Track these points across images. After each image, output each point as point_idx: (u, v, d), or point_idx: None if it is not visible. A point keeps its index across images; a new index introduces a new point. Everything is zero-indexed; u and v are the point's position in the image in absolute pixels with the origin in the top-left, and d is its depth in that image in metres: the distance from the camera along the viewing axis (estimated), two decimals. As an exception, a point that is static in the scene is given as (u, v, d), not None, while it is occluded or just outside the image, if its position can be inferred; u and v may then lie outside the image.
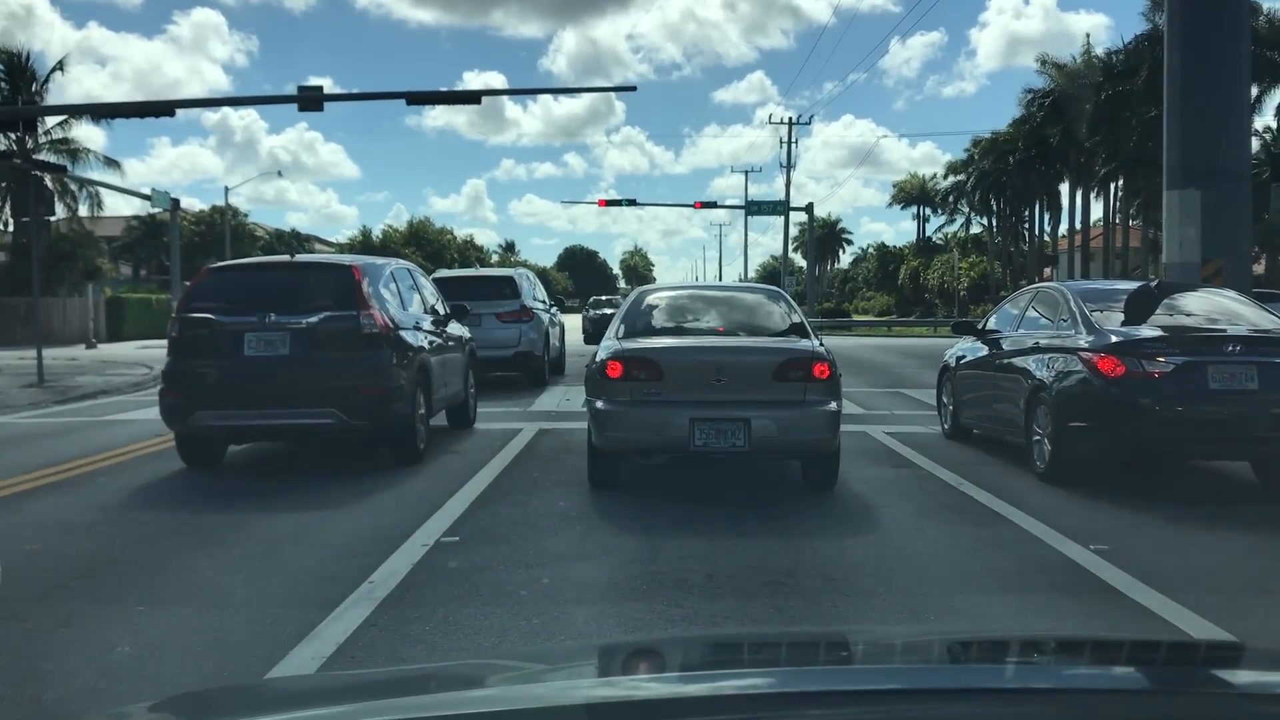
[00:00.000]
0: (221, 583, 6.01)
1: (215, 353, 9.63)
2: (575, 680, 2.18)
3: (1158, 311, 9.41)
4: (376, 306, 9.95)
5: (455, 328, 12.78)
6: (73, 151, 43.67)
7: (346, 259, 10.93)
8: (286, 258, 11.62)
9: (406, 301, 11.06)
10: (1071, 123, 49.29)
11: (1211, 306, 9.66)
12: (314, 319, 9.69)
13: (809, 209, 61.65)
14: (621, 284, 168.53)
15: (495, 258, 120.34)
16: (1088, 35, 73.27)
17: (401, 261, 12.95)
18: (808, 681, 2.04)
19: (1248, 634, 4.94)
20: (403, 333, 10.35)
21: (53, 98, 43.16)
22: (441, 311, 12.47)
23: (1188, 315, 9.48)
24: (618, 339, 8.79)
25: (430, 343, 11.16)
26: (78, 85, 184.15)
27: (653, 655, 2.47)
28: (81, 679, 4.52)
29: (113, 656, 4.78)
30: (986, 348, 11.05)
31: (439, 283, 14.11)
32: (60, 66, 43.79)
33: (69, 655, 4.82)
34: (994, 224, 69.23)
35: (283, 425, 9.82)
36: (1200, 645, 3.67)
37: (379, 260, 11.50)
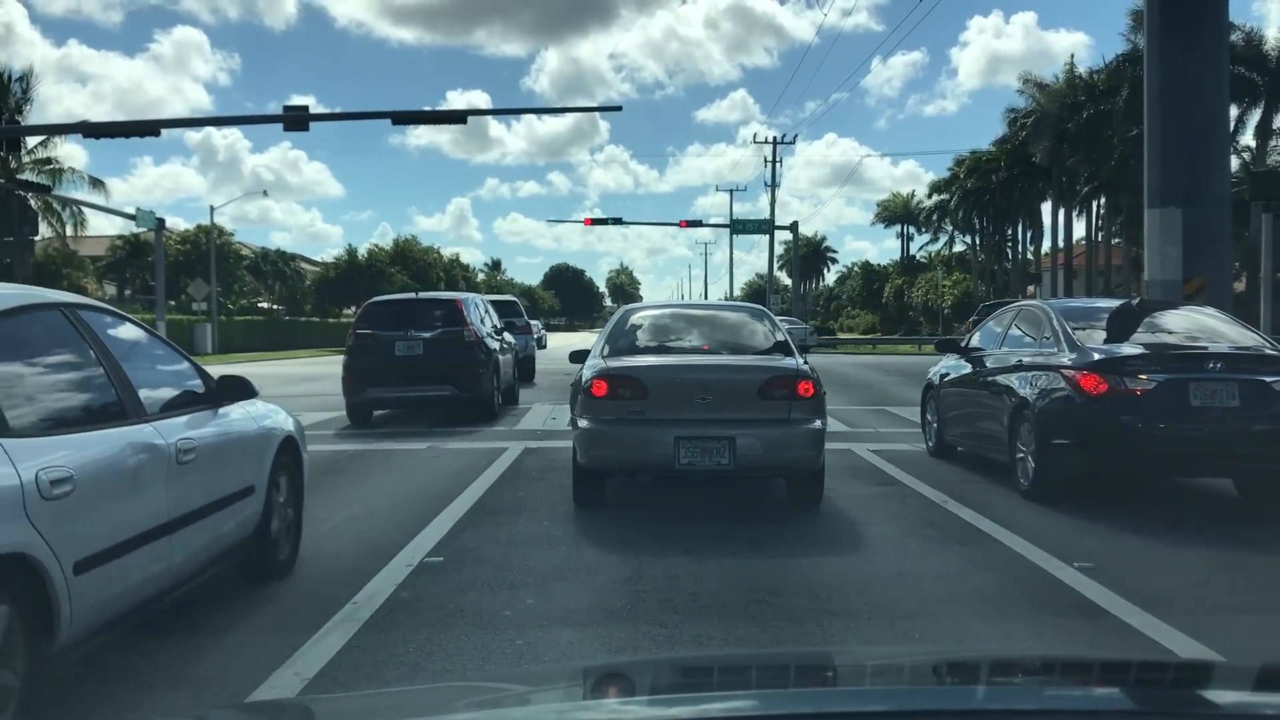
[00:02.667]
0: (203, 604, 5.96)
1: (377, 353, 15.43)
2: (559, 703, 2.17)
3: (1140, 329, 9.45)
4: (471, 323, 15.99)
5: (506, 337, 18.70)
6: (56, 171, 43.52)
7: (451, 295, 17.86)
8: (414, 295, 18.53)
9: (484, 320, 16.93)
10: (1053, 142, 49.65)
11: (1193, 324, 9.72)
12: (436, 332, 15.67)
13: (794, 227, 61.88)
14: (608, 302, 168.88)
15: (481, 276, 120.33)
16: (1072, 56, 73.91)
17: (477, 295, 19.86)
18: (793, 704, 2.03)
19: (1232, 653, 4.94)
20: (485, 339, 16.21)
21: (34, 116, 43.02)
22: (499, 325, 18.44)
23: (1169, 333, 9.52)
24: (602, 358, 8.79)
25: (496, 347, 16.89)
26: (58, 104, 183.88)
27: (637, 677, 2.47)
28: (58, 701, 4.47)
29: (93, 677, 4.72)
30: (970, 365, 11.08)
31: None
32: (25, 79, 43.17)
33: (48, 678, 4.76)
34: (977, 242, 69.60)
35: (420, 396, 15.56)
36: (1185, 665, 3.68)
37: (464, 294, 18.46)
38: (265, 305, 74.72)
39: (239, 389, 6.22)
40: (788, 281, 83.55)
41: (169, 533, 5.08)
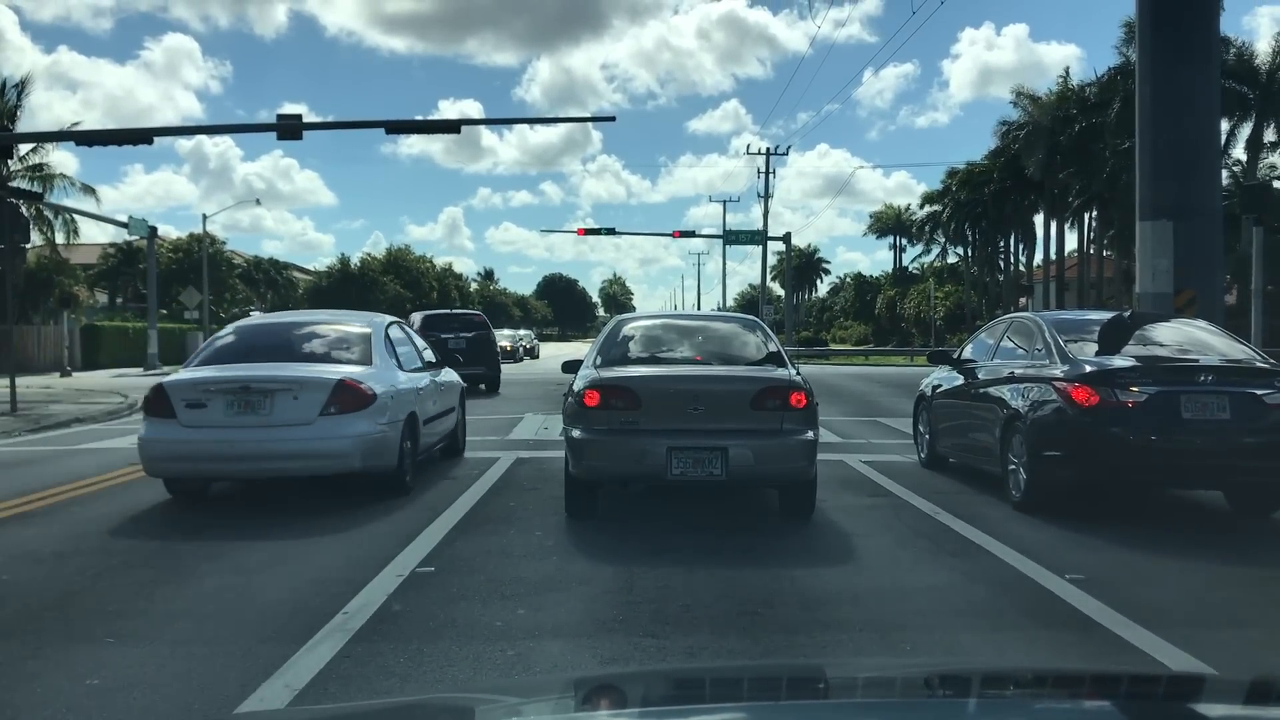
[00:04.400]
0: (194, 614, 5.94)
1: (436, 346, 19.15)
2: (550, 714, 2.16)
3: (1131, 342, 9.46)
4: (491, 329, 26.48)
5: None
6: (47, 178, 43.36)
7: (476, 311, 31.31)
8: (448, 311, 29.96)
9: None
10: (1045, 154, 49.78)
11: (1184, 337, 9.74)
12: (471, 334, 24.97)
13: (786, 239, 61.96)
14: (601, 312, 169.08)
15: (474, 286, 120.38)
16: (1067, 69, 73.95)
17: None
18: (784, 716, 2.03)
19: (1223, 665, 4.95)
20: (496, 339, 27.27)
21: (25, 122, 42.88)
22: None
23: (1161, 345, 9.54)
24: (595, 368, 8.79)
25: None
26: (48, 111, 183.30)
27: (628, 689, 2.46)
28: (49, 712, 4.45)
29: (81, 689, 4.71)
30: (962, 377, 11.09)
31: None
32: (20, 86, 42.97)
33: (36, 688, 4.75)
34: (970, 254, 69.73)
35: (465, 373, 18.39)
36: (1176, 677, 3.68)
37: (480, 310, 34.39)
38: (258, 314, 74.59)
39: (450, 361, 14.03)
40: (781, 292, 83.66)
41: (435, 420, 11.30)
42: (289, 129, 24.94)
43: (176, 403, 9.20)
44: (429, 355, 12.08)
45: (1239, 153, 44.03)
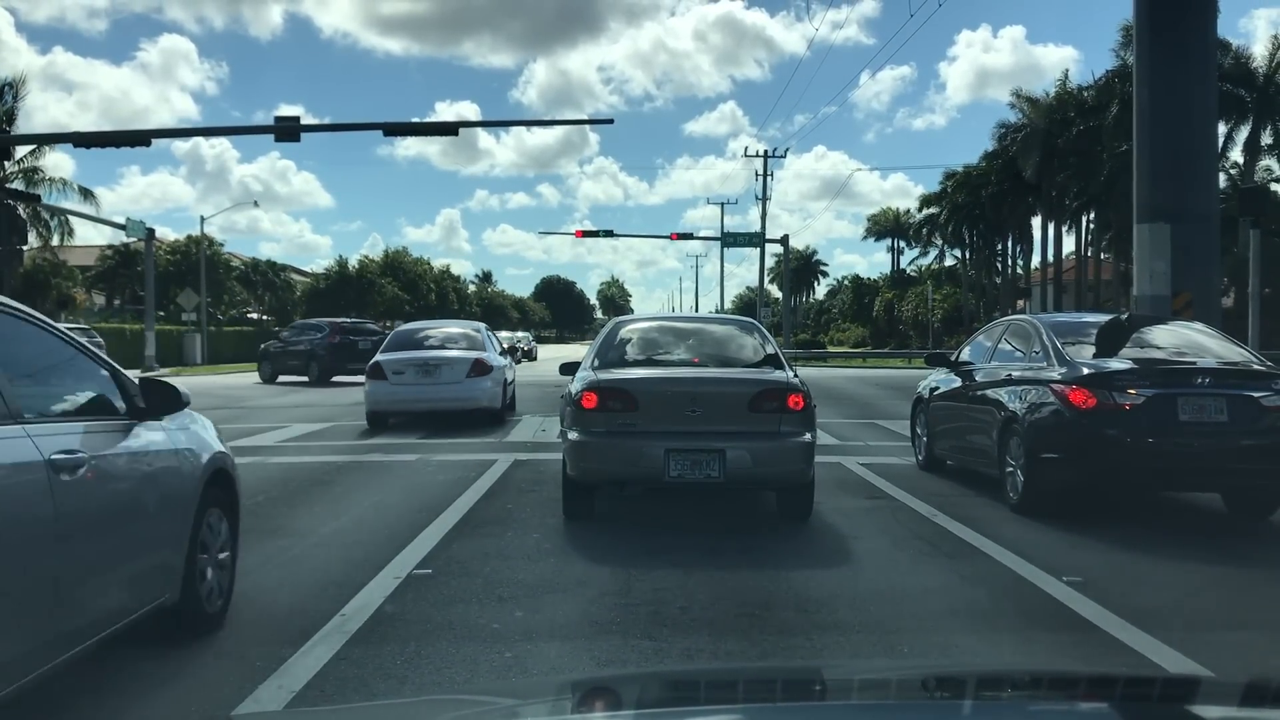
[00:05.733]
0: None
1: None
2: (546, 716, 2.16)
3: (1128, 344, 9.46)
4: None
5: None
6: (43, 180, 43.31)
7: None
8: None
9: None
10: (1043, 157, 49.82)
11: (1181, 340, 9.74)
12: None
13: (784, 241, 61.95)
14: (599, 315, 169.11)
15: (472, 288, 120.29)
16: (1065, 72, 74.18)
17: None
18: (781, 718, 2.02)
19: (1220, 667, 4.95)
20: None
21: (20, 125, 42.78)
22: None
23: (1158, 348, 9.54)
24: (593, 370, 8.79)
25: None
26: (44, 113, 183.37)
27: (624, 691, 2.46)
28: (45, 714, 4.44)
29: (78, 691, 4.69)
30: (960, 379, 11.09)
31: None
32: (14, 87, 42.96)
33: (32, 690, 4.73)
34: (967, 256, 69.78)
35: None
36: (1173, 679, 3.68)
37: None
38: (255, 316, 74.49)
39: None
40: (779, 294, 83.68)
41: (510, 385, 18.76)
42: (287, 131, 24.96)
43: (388, 371, 16.48)
44: (502, 347, 19.56)
45: (1236, 155, 44.16)
